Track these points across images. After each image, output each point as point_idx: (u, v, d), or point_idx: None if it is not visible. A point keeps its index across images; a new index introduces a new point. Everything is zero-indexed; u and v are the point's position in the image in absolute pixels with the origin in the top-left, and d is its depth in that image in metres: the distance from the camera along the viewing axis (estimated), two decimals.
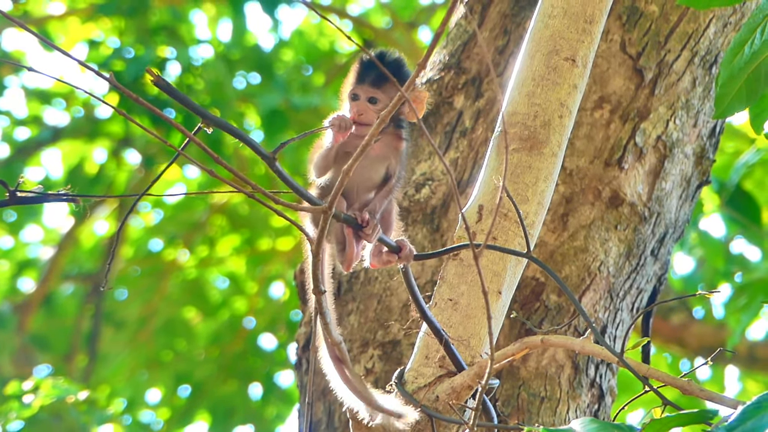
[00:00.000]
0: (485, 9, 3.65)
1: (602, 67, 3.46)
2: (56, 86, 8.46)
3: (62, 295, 9.24)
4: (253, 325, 8.98)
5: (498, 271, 2.48)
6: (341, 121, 2.43)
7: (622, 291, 3.48)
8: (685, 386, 2.20)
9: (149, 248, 9.17)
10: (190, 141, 2.25)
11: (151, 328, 8.80)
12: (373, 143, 2.16)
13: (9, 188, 2.29)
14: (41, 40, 2.18)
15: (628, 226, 3.46)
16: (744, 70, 2.55)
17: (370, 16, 9.27)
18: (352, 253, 2.45)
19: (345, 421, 3.36)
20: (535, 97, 2.56)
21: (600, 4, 2.61)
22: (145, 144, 8.34)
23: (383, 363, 3.41)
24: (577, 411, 3.39)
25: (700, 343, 7.51)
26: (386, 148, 2.49)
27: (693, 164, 3.57)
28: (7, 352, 8.70)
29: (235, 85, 7.86)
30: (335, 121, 2.44)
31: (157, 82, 2.23)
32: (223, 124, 2.31)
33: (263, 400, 8.75)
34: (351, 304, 3.52)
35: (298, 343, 3.68)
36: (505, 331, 3.35)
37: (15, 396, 4.98)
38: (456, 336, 2.43)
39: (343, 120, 2.43)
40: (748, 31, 2.55)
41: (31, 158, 8.86)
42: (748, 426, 1.86)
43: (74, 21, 8.62)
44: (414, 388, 2.42)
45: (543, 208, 2.54)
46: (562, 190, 3.43)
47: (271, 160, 2.29)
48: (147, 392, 8.93)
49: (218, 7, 8.53)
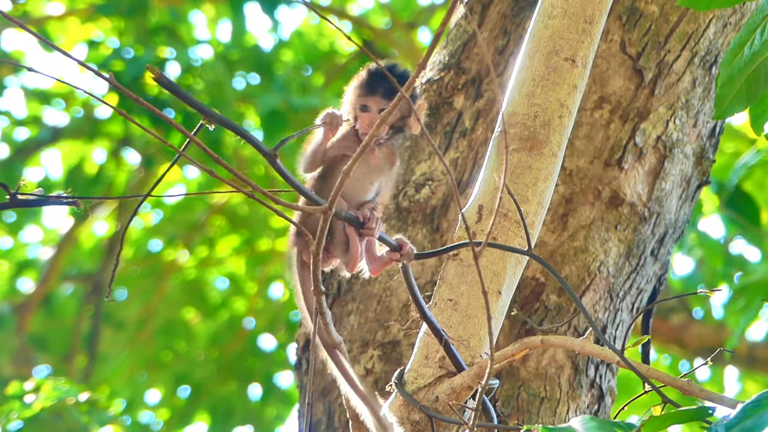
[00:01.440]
0: (485, 9, 3.65)
1: (602, 68, 3.46)
2: (56, 86, 8.46)
3: (62, 296, 9.24)
4: (252, 326, 8.98)
5: (498, 271, 2.48)
6: (332, 118, 2.44)
7: (621, 291, 3.48)
8: (684, 386, 2.20)
9: (149, 249, 9.16)
10: (191, 141, 2.25)
11: (150, 329, 8.80)
12: (374, 145, 2.16)
13: (9, 191, 2.29)
14: (41, 41, 2.18)
15: (628, 227, 3.46)
16: (744, 70, 2.55)
17: (370, 17, 9.27)
18: (357, 252, 2.45)
19: (345, 421, 3.36)
20: (535, 98, 2.56)
21: (600, 5, 2.61)
22: (144, 144, 8.33)
23: (383, 363, 3.41)
24: (577, 411, 3.39)
25: (700, 344, 7.51)
26: (384, 161, 2.50)
27: (693, 164, 3.57)
28: (6, 352, 8.69)
29: (235, 86, 7.86)
30: (326, 117, 2.44)
31: (158, 79, 2.23)
32: (224, 121, 2.31)
33: (263, 401, 8.75)
34: (351, 304, 3.52)
35: (297, 343, 3.68)
36: (505, 332, 3.35)
37: (16, 396, 4.98)
38: (456, 336, 2.43)
39: (334, 116, 2.44)
40: (748, 32, 2.55)
41: (30, 158, 8.86)
42: (748, 424, 1.86)
43: (74, 21, 8.62)
44: (414, 388, 2.42)
45: (543, 208, 2.54)
46: (562, 191, 3.43)
47: (272, 158, 2.29)
48: (146, 393, 8.93)
49: (217, 7, 8.53)
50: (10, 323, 8.64)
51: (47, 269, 8.94)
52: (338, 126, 2.44)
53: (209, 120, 2.29)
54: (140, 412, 8.96)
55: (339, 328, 3.46)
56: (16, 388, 5.01)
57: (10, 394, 5.00)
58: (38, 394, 4.95)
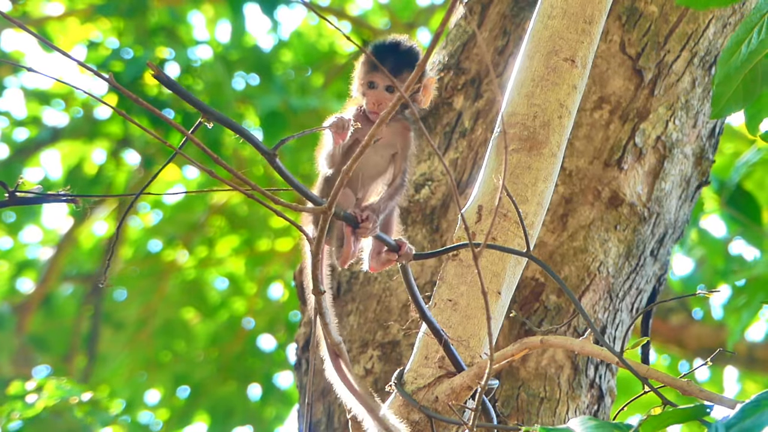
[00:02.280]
0: (485, 9, 3.65)
1: (602, 68, 3.46)
2: (55, 87, 8.46)
3: (61, 296, 9.24)
4: (252, 326, 8.98)
5: (497, 271, 2.48)
6: (340, 122, 2.43)
7: (621, 291, 3.48)
8: (684, 387, 2.20)
9: (148, 249, 9.16)
10: (188, 140, 2.24)
11: (150, 329, 8.80)
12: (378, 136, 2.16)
13: (8, 189, 2.29)
14: (40, 41, 2.18)
15: (628, 227, 3.46)
16: (741, 69, 2.55)
17: (369, 17, 9.27)
18: (349, 250, 2.45)
19: (344, 421, 3.36)
20: (535, 98, 2.56)
21: (599, 5, 2.61)
22: (144, 144, 8.33)
23: (383, 363, 3.41)
24: (577, 411, 3.39)
25: (700, 344, 7.51)
26: (394, 135, 2.49)
27: (692, 165, 3.57)
28: (6, 352, 8.69)
29: (234, 86, 7.86)
30: (334, 123, 2.44)
31: (157, 76, 2.23)
32: (223, 119, 2.30)
33: (262, 401, 8.75)
34: (350, 304, 3.52)
35: (297, 343, 3.68)
36: (505, 332, 3.35)
37: (18, 396, 4.98)
38: (455, 336, 2.43)
39: (341, 121, 2.44)
40: (746, 30, 2.55)
41: (30, 159, 8.85)
42: (747, 424, 1.86)
43: (73, 21, 8.62)
44: (413, 388, 2.42)
45: (542, 208, 2.54)
46: (562, 191, 3.43)
47: (272, 157, 2.29)
48: (146, 393, 8.93)
49: (216, 8, 8.53)
50: (10, 323, 8.64)
51: (47, 269, 8.94)
52: (346, 131, 2.43)
53: (208, 118, 2.29)
54: (140, 413, 8.96)
55: (339, 328, 3.45)
56: (17, 388, 5.02)
57: (11, 394, 5.00)
58: (40, 394, 4.95)
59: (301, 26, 9.04)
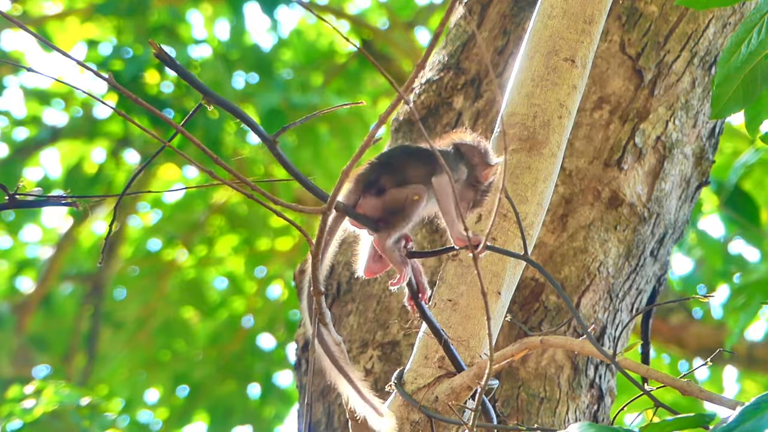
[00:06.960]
0: (484, 9, 3.64)
1: (602, 68, 3.46)
2: (55, 86, 8.46)
3: (61, 295, 9.24)
4: (251, 325, 8.98)
5: (497, 271, 2.48)
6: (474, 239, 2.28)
7: (621, 292, 3.48)
8: (684, 387, 2.20)
9: (148, 248, 9.17)
10: (189, 140, 2.24)
11: (149, 328, 8.80)
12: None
13: (8, 192, 2.29)
14: (40, 41, 2.17)
15: (628, 227, 3.46)
16: (741, 69, 2.55)
17: (368, 16, 9.27)
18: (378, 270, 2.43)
19: (344, 421, 3.36)
20: (535, 98, 2.56)
21: (599, 5, 2.61)
22: (143, 144, 8.34)
23: (382, 363, 3.41)
24: (577, 411, 3.39)
25: (699, 344, 7.51)
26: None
27: (692, 165, 3.57)
28: (5, 352, 8.69)
29: (234, 85, 7.86)
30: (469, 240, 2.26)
31: (159, 55, 2.22)
32: (224, 102, 2.29)
33: (262, 400, 8.75)
34: (350, 304, 3.52)
35: (297, 343, 3.68)
36: (505, 332, 3.35)
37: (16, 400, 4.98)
38: (455, 336, 2.43)
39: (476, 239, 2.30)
40: (746, 30, 2.55)
41: (30, 158, 8.86)
42: (747, 427, 1.85)
43: (73, 21, 8.62)
44: (413, 388, 2.42)
45: (542, 208, 2.54)
46: (562, 191, 3.43)
47: (272, 144, 2.28)
48: (145, 392, 8.93)
49: (216, 6, 8.53)
50: (10, 323, 8.64)
51: (46, 269, 8.94)
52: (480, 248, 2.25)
53: (209, 100, 2.28)
54: (139, 412, 8.96)
55: (338, 329, 3.46)
56: (16, 392, 5.01)
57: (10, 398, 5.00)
58: (39, 398, 4.95)
59: (301, 25, 9.04)
